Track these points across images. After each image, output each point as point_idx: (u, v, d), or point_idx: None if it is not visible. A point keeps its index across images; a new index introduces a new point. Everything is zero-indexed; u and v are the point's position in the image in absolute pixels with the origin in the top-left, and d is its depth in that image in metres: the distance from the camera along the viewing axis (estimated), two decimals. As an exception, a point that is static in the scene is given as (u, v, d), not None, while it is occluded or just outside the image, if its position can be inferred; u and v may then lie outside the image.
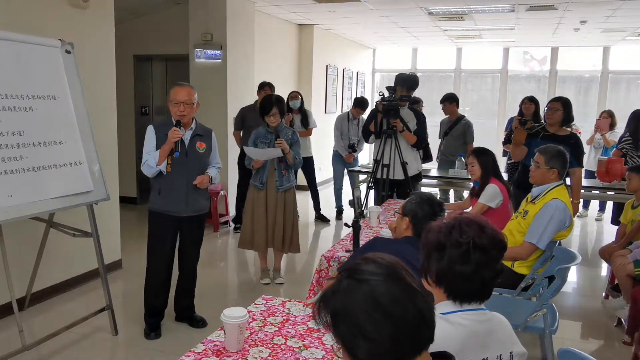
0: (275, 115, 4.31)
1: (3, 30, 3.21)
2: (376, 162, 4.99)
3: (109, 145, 4.67)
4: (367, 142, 5.36)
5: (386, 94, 4.78)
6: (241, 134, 6.08)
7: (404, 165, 4.86)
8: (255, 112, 5.80)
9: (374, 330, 1.00)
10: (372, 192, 5.27)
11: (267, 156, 4.33)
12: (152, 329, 3.62)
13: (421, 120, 5.01)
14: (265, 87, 6.10)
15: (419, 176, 5.22)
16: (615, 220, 6.70)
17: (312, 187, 6.88)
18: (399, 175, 4.93)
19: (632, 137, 5.84)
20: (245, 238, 4.56)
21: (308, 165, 6.75)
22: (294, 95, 6.75)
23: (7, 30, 3.25)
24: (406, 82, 5.02)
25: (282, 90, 8.54)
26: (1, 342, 3.45)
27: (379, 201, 4.97)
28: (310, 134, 6.81)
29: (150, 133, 3.50)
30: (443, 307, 1.49)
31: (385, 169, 4.87)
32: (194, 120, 3.55)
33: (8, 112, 3.04)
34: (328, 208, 7.13)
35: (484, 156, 3.96)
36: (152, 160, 3.40)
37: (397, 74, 5.22)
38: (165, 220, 3.52)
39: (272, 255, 4.76)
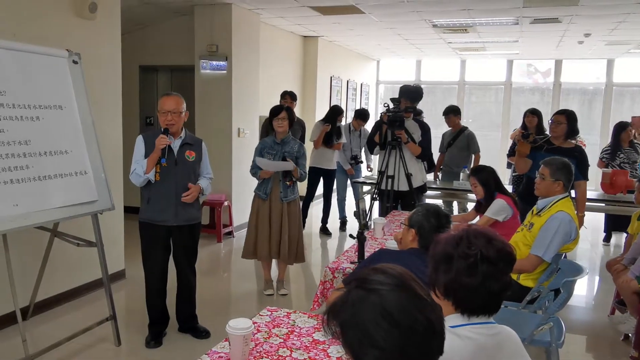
0: (283, 120, 4.29)
1: (11, 41, 3.24)
2: (380, 173, 4.99)
3: (114, 155, 4.69)
4: (371, 153, 5.36)
5: (391, 106, 4.79)
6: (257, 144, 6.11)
7: (408, 176, 4.86)
8: None
9: (382, 340, 1.00)
10: (376, 203, 5.26)
11: (277, 168, 4.32)
12: (153, 338, 3.61)
13: (426, 130, 5.01)
14: (285, 97, 6.26)
15: (423, 188, 5.20)
16: (607, 237, 6.75)
17: (326, 198, 6.90)
18: (403, 186, 4.92)
19: (611, 147, 6.30)
20: (249, 248, 4.54)
21: (330, 177, 6.83)
22: (341, 118, 6.86)
23: (15, 41, 3.29)
24: (410, 94, 5.03)
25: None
26: (5, 351, 3.44)
27: (383, 212, 4.96)
28: (339, 148, 6.84)
29: (139, 142, 3.50)
30: (451, 320, 1.48)
31: (389, 180, 4.87)
32: (184, 130, 3.55)
33: (15, 122, 3.06)
34: (331, 219, 7.11)
35: (482, 173, 3.98)
36: (140, 169, 3.40)
37: (401, 85, 5.23)
38: (155, 229, 3.51)
39: (275, 266, 4.74)
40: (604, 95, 10.80)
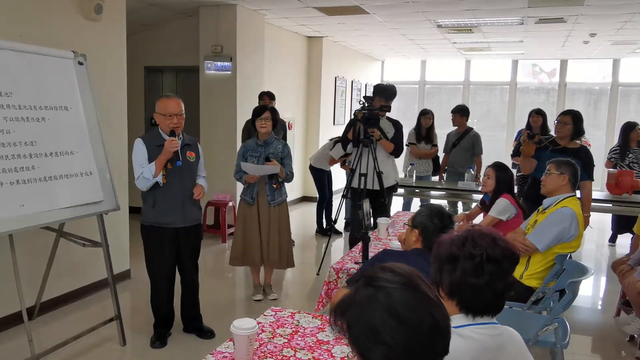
0: (267, 120, 4.18)
1: (17, 42, 3.26)
2: (352, 171, 4.94)
3: (119, 156, 4.71)
4: (344, 150, 5.27)
5: (367, 104, 4.77)
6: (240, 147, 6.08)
7: (379, 175, 4.80)
8: None
9: (389, 337, 1.00)
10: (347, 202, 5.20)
11: (264, 172, 4.19)
12: (158, 338, 3.63)
13: (398, 127, 4.99)
14: (263, 97, 6.01)
15: (394, 187, 5.18)
16: (613, 238, 6.73)
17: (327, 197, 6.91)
18: (375, 185, 4.86)
19: (619, 148, 6.25)
20: (237, 255, 4.42)
21: (329, 178, 6.83)
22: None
23: (21, 42, 3.30)
24: (384, 92, 5.03)
25: (291, 101, 8.61)
26: (11, 351, 3.46)
27: (354, 211, 4.91)
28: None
29: (139, 146, 3.47)
30: (455, 321, 1.47)
31: (362, 178, 4.82)
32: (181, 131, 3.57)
33: (21, 123, 3.08)
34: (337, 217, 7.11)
35: (503, 172, 3.92)
36: (148, 173, 3.38)
37: (375, 84, 5.24)
38: (163, 232, 3.51)
39: (263, 270, 4.63)
40: (609, 95, 10.75)
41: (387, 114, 4.97)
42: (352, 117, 5.01)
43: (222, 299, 4.61)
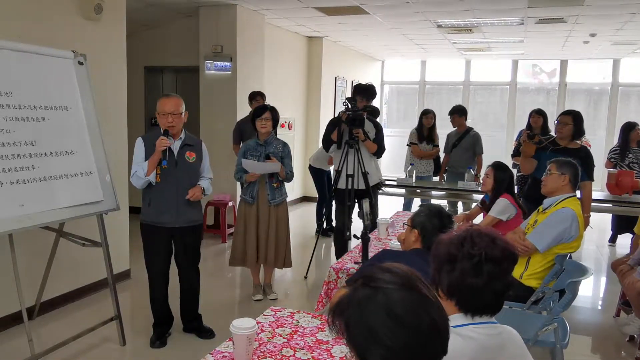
0: (267, 120, 4.17)
1: (17, 42, 3.26)
2: (337, 172, 4.93)
3: (119, 156, 4.71)
4: (327, 151, 5.26)
5: (350, 105, 4.76)
6: (240, 147, 6.07)
7: (365, 175, 4.81)
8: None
9: (388, 339, 1.00)
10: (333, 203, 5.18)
11: (265, 170, 4.19)
12: (158, 338, 3.63)
13: (379, 129, 4.99)
14: (257, 97, 5.97)
15: (378, 185, 5.18)
16: (613, 238, 6.73)
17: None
18: (361, 184, 4.86)
19: (619, 148, 6.27)
20: (237, 255, 4.41)
21: (328, 178, 6.83)
22: None
23: (21, 42, 3.30)
24: (365, 93, 5.04)
25: (291, 101, 8.61)
26: (11, 351, 3.46)
27: (343, 213, 4.89)
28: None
29: (139, 144, 3.50)
30: (454, 320, 1.47)
31: (349, 179, 4.80)
32: (184, 131, 3.55)
33: (21, 122, 3.08)
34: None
35: (501, 172, 3.92)
36: (141, 171, 3.40)
37: (355, 84, 5.24)
38: (158, 231, 3.51)
39: (263, 270, 4.64)
40: (609, 96, 10.74)
41: (367, 115, 4.97)
42: (336, 117, 4.98)
43: (222, 299, 4.61)
